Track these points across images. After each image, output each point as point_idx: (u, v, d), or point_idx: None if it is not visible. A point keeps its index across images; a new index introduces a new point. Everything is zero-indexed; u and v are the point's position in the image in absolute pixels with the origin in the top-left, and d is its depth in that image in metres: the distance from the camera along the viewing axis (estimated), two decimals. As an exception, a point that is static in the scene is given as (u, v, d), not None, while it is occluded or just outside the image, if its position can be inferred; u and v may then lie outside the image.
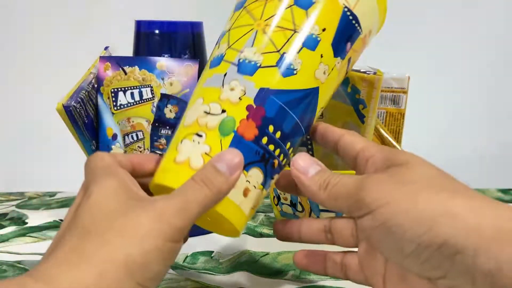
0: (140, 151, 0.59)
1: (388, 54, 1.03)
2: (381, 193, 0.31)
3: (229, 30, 0.41)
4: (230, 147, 0.37)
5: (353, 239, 0.37)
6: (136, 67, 0.60)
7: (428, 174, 0.32)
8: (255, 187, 0.37)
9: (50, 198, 0.86)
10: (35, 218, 0.72)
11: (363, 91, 0.54)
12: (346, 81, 0.54)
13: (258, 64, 0.38)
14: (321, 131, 0.41)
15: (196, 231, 0.46)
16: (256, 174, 0.37)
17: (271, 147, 0.38)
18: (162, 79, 0.60)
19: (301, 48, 0.39)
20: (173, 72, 0.60)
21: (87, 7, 1.07)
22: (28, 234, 0.64)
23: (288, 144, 0.39)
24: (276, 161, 0.38)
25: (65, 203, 0.82)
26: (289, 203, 0.60)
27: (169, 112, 0.60)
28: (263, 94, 0.38)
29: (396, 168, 0.33)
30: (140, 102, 0.60)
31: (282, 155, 0.39)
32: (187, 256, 0.56)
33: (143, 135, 0.60)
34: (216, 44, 0.42)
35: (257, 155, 0.37)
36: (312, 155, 0.58)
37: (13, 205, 0.80)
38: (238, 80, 0.38)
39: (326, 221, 0.39)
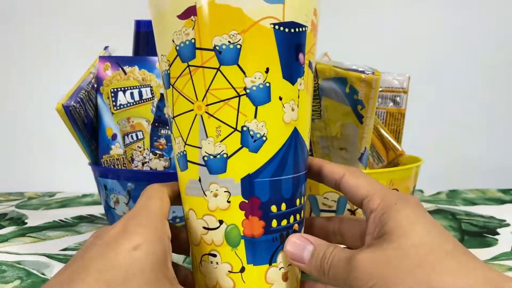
0: (140, 151, 0.59)
1: (388, 54, 1.03)
2: (366, 277, 0.31)
3: (173, 117, 0.36)
4: (246, 253, 0.35)
5: (361, 241, 0.37)
6: (136, 67, 0.60)
7: (411, 244, 0.31)
8: (290, 265, 0.36)
9: (50, 198, 0.86)
10: (34, 218, 0.72)
11: (361, 91, 0.54)
12: (344, 82, 0.54)
13: (225, 156, 0.35)
14: (317, 171, 0.39)
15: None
16: (285, 255, 0.36)
17: (284, 222, 0.36)
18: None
19: (256, 109, 0.34)
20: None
21: (87, 7, 1.07)
22: (27, 234, 0.63)
23: (298, 200, 0.37)
24: (295, 225, 0.37)
25: (64, 203, 0.82)
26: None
27: (169, 112, 0.60)
28: (247, 184, 0.35)
29: (382, 242, 0.32)
30: (140, 102, 0.60)
31: (298, 215, 0.37)
32: (186, 257, 0.56)
33: (143, 135, 0.60)
34: (169, 120, 0.38)
35: (275, 241, 0.36)
36: (311, 155, 0.58)
37: (12, 205, 0.80)
38: (216, 182, 0.35)
39: (336, 223, 0.40)
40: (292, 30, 0.35)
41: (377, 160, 0.64)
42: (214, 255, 0.36)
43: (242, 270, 0.36)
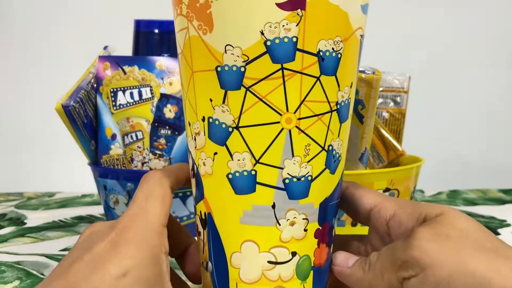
0: (140, 151, 0.59)
1: (388, 54, 1.03)
2: (429, 251, 0.29)
3: (237, 127, 0.30)
4: (313, 285, 0.32)
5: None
6: (136, 66, 0.60)
7: (468, 228, 0.30)
8: None
9: (49, 198, 0.85)
10: (34, 218, 0.72)
11: (361, 91, 0.53)
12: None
13: (310, 178, 0.30)
14: None
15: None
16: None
17: (332, 243, 0.34)
18: (162, 78, 0.60)
19: (340, 127, 0.31)
20: (172, 71, 0.60)
21: (87, 7, 1.07)
22: (27, 235, 0.63)
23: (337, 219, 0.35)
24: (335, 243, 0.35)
25: (64, 203, 0.82)
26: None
27: (169, 112, 0.60)
28: (324, 209, 0.31)
29: (434, 223, 0.31)
30: (140, 102, 0.60)
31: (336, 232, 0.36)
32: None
33: (143, 135, 0.60)
34: (194, 131, 0.32)
35: (330, 265, 0.34)
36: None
37: (12, 206, 0.80)
38: (295, 209, 0.30)
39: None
40: (362, 43, 0.32)
41: (378, 160, 0.64)
42: None
43: None
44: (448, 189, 0.89)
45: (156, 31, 0.64)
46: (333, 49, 0.29)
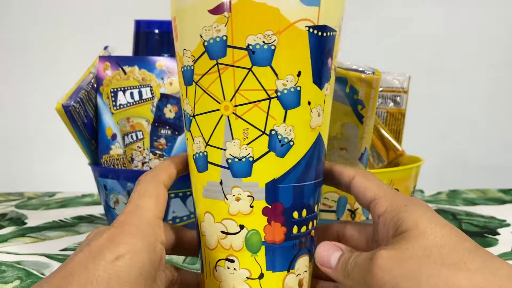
0: (140, 151, 0.59)
1: (388, 54, 1.03)
2: (387, 276, 0.30)
3: (194, 116, 0.35)
4: (266, 260, 0.34)
5: (367, 246, 0.37)
6: (136, 66, 0.60)
7: (434, 243, 0.30)
8: (306, 271, 0.36)
9: (49, 198, 0.86)
10: (34, 218, 0.72)
11: (361, 91, 0.54)
12: (344, 82, 0.54)
13: (250, 159, 0.34)
14: (327, 173, 0.39)
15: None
16: (302, 262, 0.36)
17: (304, 228, 0.35)
18: (162, 78, 0.60)
19: (286, 113, 0.34)
20: (172, 71, 0.60)
21: (87, 7, 1.07)
22: (27, 235, 0.63)
23: (316, 206, 0.36)
24: (313, 231, 0.36)
25: (64, 203, 0.82)
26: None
27: (169, 112, 0.60)
28: (272, 189, 0.34)
29: (400, 242, 0.31)
30: (140, 102, 0.60)
31: (315, 221, 0.37)
32: (186, 257, 0.55)
33: (143, 135, 0.60)
34: (183, 117, 0.37)
35: (295, 247, 0.35)
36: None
37: (12, 205, 0.80)
38: (239, 186, 0.34)
39: (340, 228, 0.39)
40: (325, 34, 0.34)
41: (377, 160, 0.64)
42: (232, 261, 0.35)
43: (261, 276, 0.35)
44: (448, 189, 0.89)
45: (156, 31, 0.64)
46: (263, 42, 0.33)
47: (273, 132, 0.33)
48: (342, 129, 0.56)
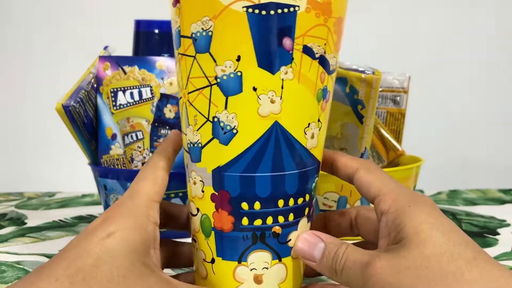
0: (140, 151, 0.59)
1: (388, 54, 1.03)
2: (386, 286, 0.30)
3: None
4: (216, 246, 0.35)
5: (375, 237, 0.37)
6: (136, 66, 0.60)
7: (434, 251, 0.30)
8: (266, 268, 0.34)
9: (49, 198, 0.86)
10: (34, 218, 0.72)
11: (361, 91, 0.54)
12: (344, 82, 0.54)
13: (200, 145, 0.34)
14: (330, 163, 0.38)
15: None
16: (258, 258, 0.34)
17: (258, 222, 0.34)
18: (162, 78, 0.60)
19: (226, 100, 0.33)
20: (172, 71, 0.60)
21: (87, 7, 1.07)
22: (27, 235, 0.63)
23: (281, 201, 0.34)
24: (276, 228, 0.34)
25: (64, 203, 0.82)
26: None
27: (169, 112, 0.60)
28: (217, 176, 0.33)
29: (400, 248, 0.31)
30: (140, 102, 0.60)
31: (281, 217, 0.34)
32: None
33: (143, 135, 0.60)
34: None
35: (246, 239, 0.34)
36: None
37: (12, 205, 0.80)
38: (195, 170, 0.35)
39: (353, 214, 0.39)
40: (272, 12, 0.31)
41: (378, 160, 0.64)
42: (195, 241, 0.36)
43: (213, 261, 0.35)
44: (448, 189, 0.89)
45: (156, 31, 0.64)
46: (202, 29, 0.32)
47: (215, 119, 0.33)
48: (342, 129, 0.56)
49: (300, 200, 0.35)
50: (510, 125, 1.10)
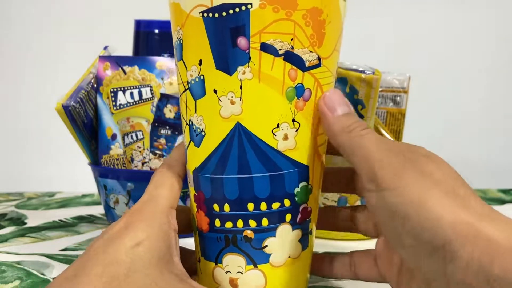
0: (140, 151, 0.59)
1: (388, 54, 1.03)
2: (394, 175, 0.29)
3: None
4: (200, 245, 0.35)
5: (374, 230, 0.37)
6: (136, 66, 0.60)
7: (447, 173, 0.30)
8: (240, 272, 0.34)
9: (49, 198, 0.86)
10: (34, 218, 0.72)
11: (361, 91, 0.54)
12: (344, 82, 0.54)
13: (185, 147, 0.36)
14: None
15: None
16: (232, 261, 0.34)
17: (228, 224, 0.33)
18: (162, 78, 0.60)
19: (195, 104, 0.33)
20: (172, 71, 0.60)
21: (87, 6, 1.07)
22: (27, 235, 0.63)
23: (252, 205, 0.33)
24: (248, 232, 0.33)
25: (64, 203, 0.82)
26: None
27: (169, 112, 0.60)
28: (196, 177, 0.34)
29: (417, 156, 0.31)
30: (140, 102, 0.60)
31: (253, 221, 0.33)
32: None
33: (143, 135, 0.60)
34: None
35: (220, 241, 0.34)
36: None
37: (12, 205, 0.80)
38: (188, 171, 0.36)
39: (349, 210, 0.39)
40: (224, 14, 0.31)
41: (377, 160, 0.64)
42: (192, 236, 0.37)
43: (199, 260, 0.36)
44: (448, 189, 0.89)
45: (156, 31, 0.64)
46: (177, 38, 0.34)
47: (190, 123, 0.34)
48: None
49: (275, 205, 0.33)
50: (510, 125, 1.10)
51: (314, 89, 0.33)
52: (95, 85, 0.61)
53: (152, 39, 0.64)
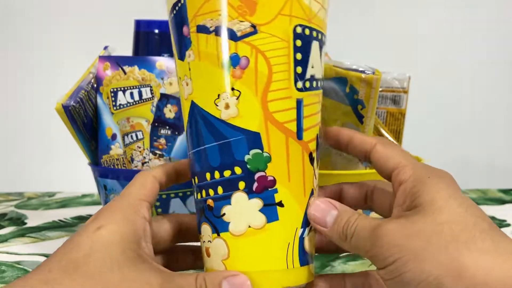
0: (140, 151, 0.59)
1: (388, 54, 1.03)
2: (392, 249, 0.30)
3: None
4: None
5: (390, 212, 0.37)
6: (136, 66, 0.60)
7: (448, 220, 0.29)
8: (210, 241, 0.35)
9: (49, 198, 0.86)
10: (34, 218, 0.72)
11: (361, 91, 0.54)
12: (344, 82, 0.54)
13: None
14: (346, 141, 0.38)
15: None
16: (205, 229, 0.36)
17: (199, 195, 0.36)
18: (162, 78, 0.60)
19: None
20: (172, 71, 0.60)
21: (87, 7, 1.07)
22: (27, 235, 0.63)
23: (208, 174, 0.35)
24: (209, 201, 0.35)
25: (64, 203, 0.82)
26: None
27: (169, 112, 0.60)
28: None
29: (413, 214, 0.31)
30: (140, 102, 0.60)
31: (211, 190, 0.35)
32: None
33: (143, 135, 0.60)
34: None
35: (198, 212, 0.37)
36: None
37: (12, 205, 0.80)
38: None
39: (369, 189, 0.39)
40: (174, 12, 0.36)
41: (377, 160, 0.64)
42: None
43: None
44: (448, 189, 0.89)
45: (156, 31, 0.64)
46: None
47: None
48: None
49: (227, 173, 0.34)
50: (510, 125, 1.10)
51: (253, 56, 0.34)
52: (95, 85, 0.61)
53: (152, 39, 0.64)
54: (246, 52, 0.34)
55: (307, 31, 0.35)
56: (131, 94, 0.60)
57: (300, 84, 0.35)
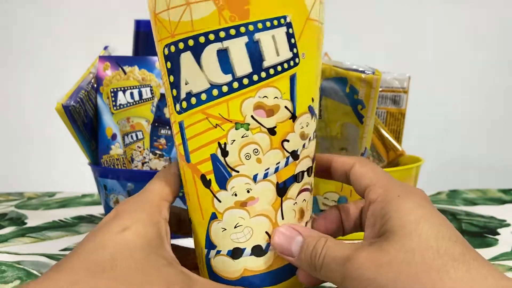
0: (140, 151, 0.59)
1: (388, 54, 1.03)
2: (364, 282, 0.29)
3: None
4: None
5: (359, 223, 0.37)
6: (136, 66, 0.60)
7: (418, 246, 0.28)
8: None
9: (49, 198, 0.85)
10: (34, 218, 0.72)
11: (361, 91, 0.54)
12: (344, 82, 0.54)
13: None
14: (326, 166, 0.37)
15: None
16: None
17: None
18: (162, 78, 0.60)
19: None
20: (172, 72, 0.60)
21: (87, 7, 1.07)
22: (27, 235, 0.63)
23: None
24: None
25: (64, 203, 0.82)
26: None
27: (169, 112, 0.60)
28: None
29: (383, 240, 0.30)
30: (140, 102, 0.60)
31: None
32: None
33: (143, 135, 0.60)
34: None
35: None
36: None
37: (12, 205, 0.80)
38: None
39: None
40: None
41: (377, 160, 0.64)
42: None
43: None
44: (448, 189, 0.89)
45: (156, 31, 0.64)
46: None
47: None
48: (342, 129, 0.56)
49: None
50: (510, 125, 1.10)
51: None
52: (95, 85, 0.61)
53: (152, 39, 0.64)
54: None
55: (172, 48, 0.33)
56: (131, 94, 0.60)
57: (178, 107, 0.34)
